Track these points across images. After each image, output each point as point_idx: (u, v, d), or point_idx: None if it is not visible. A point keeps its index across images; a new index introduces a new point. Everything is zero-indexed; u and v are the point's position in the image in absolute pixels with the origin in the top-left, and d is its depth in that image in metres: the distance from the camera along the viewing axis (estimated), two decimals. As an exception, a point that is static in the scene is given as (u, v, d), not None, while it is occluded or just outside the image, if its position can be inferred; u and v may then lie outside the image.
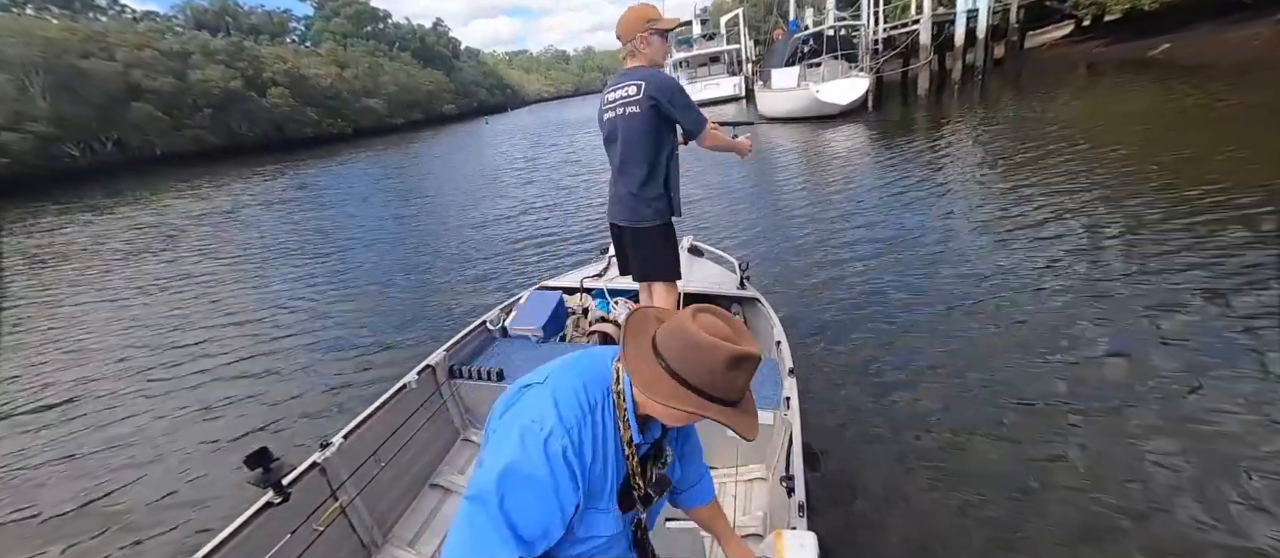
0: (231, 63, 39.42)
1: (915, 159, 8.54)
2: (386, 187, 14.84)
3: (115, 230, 11.81)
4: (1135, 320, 3.14)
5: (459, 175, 14.99)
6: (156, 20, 49.38)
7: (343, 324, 4.99)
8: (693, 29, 32.36)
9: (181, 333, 5.23)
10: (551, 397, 0.85)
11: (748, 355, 0.80)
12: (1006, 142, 8.58)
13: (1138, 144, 7.02)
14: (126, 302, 6.53)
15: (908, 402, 2.78)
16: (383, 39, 69.60)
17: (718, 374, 0.79)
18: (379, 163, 21.92)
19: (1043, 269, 3.99)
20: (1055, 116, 9.78)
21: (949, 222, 5.41)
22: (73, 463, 3.28)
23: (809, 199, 7.22)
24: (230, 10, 55.74)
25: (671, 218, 2.22)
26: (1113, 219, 4.69)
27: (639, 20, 1.98)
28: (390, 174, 17.73)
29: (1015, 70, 19.83)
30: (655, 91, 1.99)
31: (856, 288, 4.21)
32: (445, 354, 2.38)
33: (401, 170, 18.42)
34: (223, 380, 4.11)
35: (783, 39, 19.26)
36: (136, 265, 8.34)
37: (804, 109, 15.31)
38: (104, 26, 37.33)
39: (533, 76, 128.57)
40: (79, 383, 4.37)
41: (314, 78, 46.44)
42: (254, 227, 10.63)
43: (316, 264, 7.24)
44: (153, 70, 33.63)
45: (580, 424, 0.84)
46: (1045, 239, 4.52)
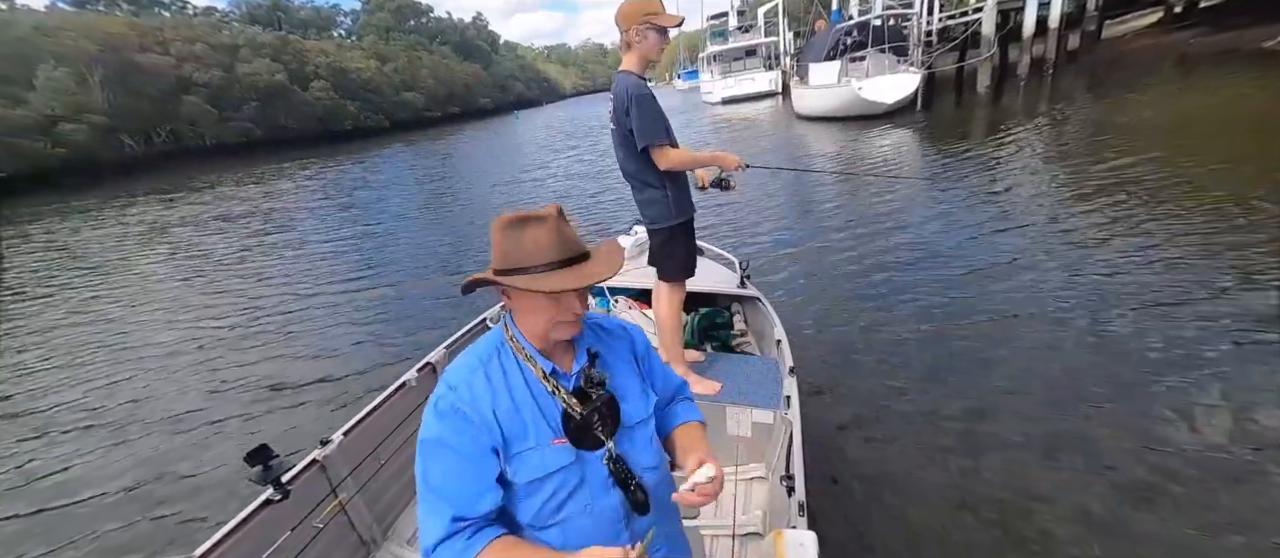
0: (277, 56, 40.70)
1: (963, 166, 7.42)
2: (410, 185, 14.66)
3: (172, 218, 12.29)
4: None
5: (478, 173, 14.88)
6: (213, 16, 51.82)
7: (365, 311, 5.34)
8: (729, 21, 30.89)
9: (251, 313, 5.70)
10: (445, 375, 0.89)
11: (525, 217, 0.83)
12: (1077, 148, 7.31)
13: (1250, 154, 5.65)
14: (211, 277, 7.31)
15: (909, 402, 2.79)
16: (424, 33, 70.93)
17: (516, 244, 0.82)
18: (410, 158, 21.94)
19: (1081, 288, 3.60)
20: (1140, 119, 8.30)
21: (981, 235, 4.92)
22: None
23: (831, 202, 6.82)
24: (281, 5, 57.95)
25: (676, 219, 2.16)
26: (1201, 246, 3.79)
27: (637, 11, 1.90)
28: (418, 173, 17.58)
29: (1090, 64, 17.61)
30: (619, 103, 2.02)
31: (863, 291, 4.14)
32: (445, 351, 2.38)
33: (428, 169, 18.25)
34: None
35: (824, 31, 17.77)
36: (219, 244, 9.14)
37: (844, 108, 13.92)
38: (161, 21, 39.16)
39: (569, 71, 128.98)
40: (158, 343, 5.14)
41: (355, 71, 47.51)
42: (288, 223, 10.64)
43: (332, 260, 7.51)
44: (203, 64, 35.03)
45: (469, 378, 0.87)
46: (1106, 259, 3.92)
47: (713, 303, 2.91)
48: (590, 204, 8.92)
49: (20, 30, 28.29)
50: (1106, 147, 6.92)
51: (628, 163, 2.12)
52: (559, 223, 0.83)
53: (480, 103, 66.98)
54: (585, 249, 0.86)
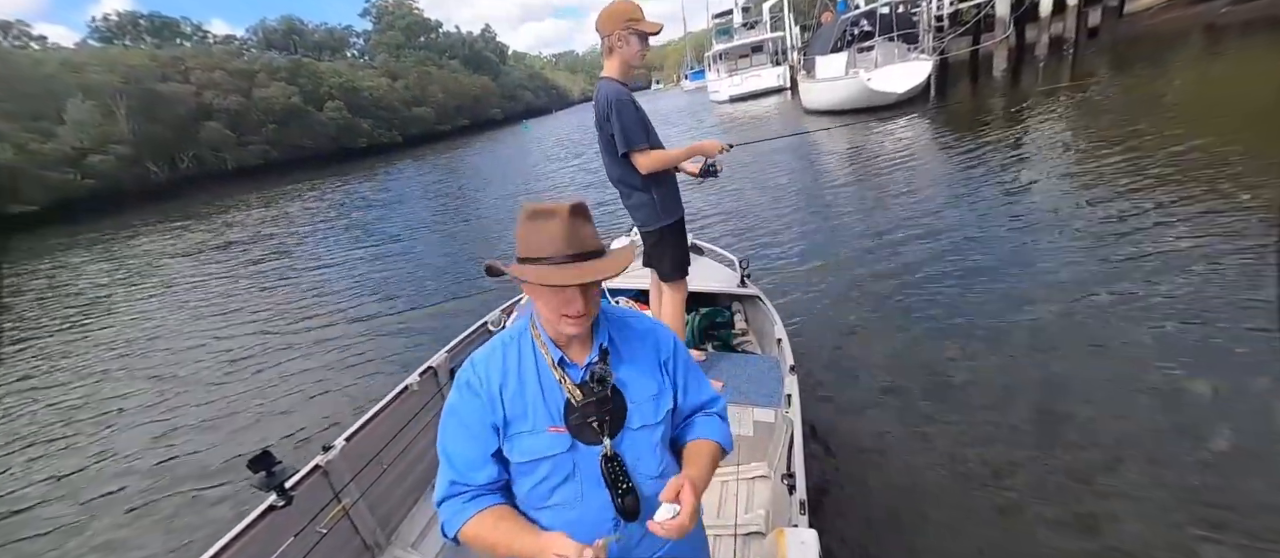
0: (292, 79, 41.68)
1: (974, 155, 7.09)
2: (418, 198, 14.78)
3: (201, 238, 12.95)
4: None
5: (482, 185, 15.06)
6: (232, 44, 53.31)
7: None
8: (734, 18, 30.54)
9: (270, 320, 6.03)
10: (473, 353, 0.94)
11: (542, 209, 0.83)
12: (1098, 128, 6.95)
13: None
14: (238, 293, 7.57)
15: (910, 399, 2.75)
16: (434, 48, 71.97)
17: (530, 235, 0.83)
18: (415, 174, 22.18)
19: (1094, 269, 3.51)
20: (1169, 95, 7.85)
21: (985, 227, 4.77)
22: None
23: (831, 201, 6.73)
24: (297, 29, 59.42)
25: (665, 221, 2.17)
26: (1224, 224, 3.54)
27: (619, 16, 1.92)
28: (427, 188, 17.76)
29: (1112, 41, 16.85)
30: (600, 110, 2.03)
31: (864, 288, 4.08)
32: (447, 356, 2.39)
33: (434, 183, 18.44)
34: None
35: (831, 22, 17.36)
36: (229, 270, 9.32)
37: (852, 100, 13.55)
38: (182, 52, 40.45)
39: (578, 77, 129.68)
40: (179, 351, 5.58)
41: (367, 90, 48.39)
42: (300, 240, 10.72)
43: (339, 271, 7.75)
44: (222, 90, 36.04)
45: (489, 357, 0.92)
46: (1141, 258, 3.57)
47: (713, 302, 2.93)
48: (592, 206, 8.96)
49: (50, 67, 29.49)
50: (1136, 127, 6.48)
51: (613, 168, 2.15)
52: (572, 218, 0.82)
53: (490, 113, 67.62)
54: (599, 246, 0.86)
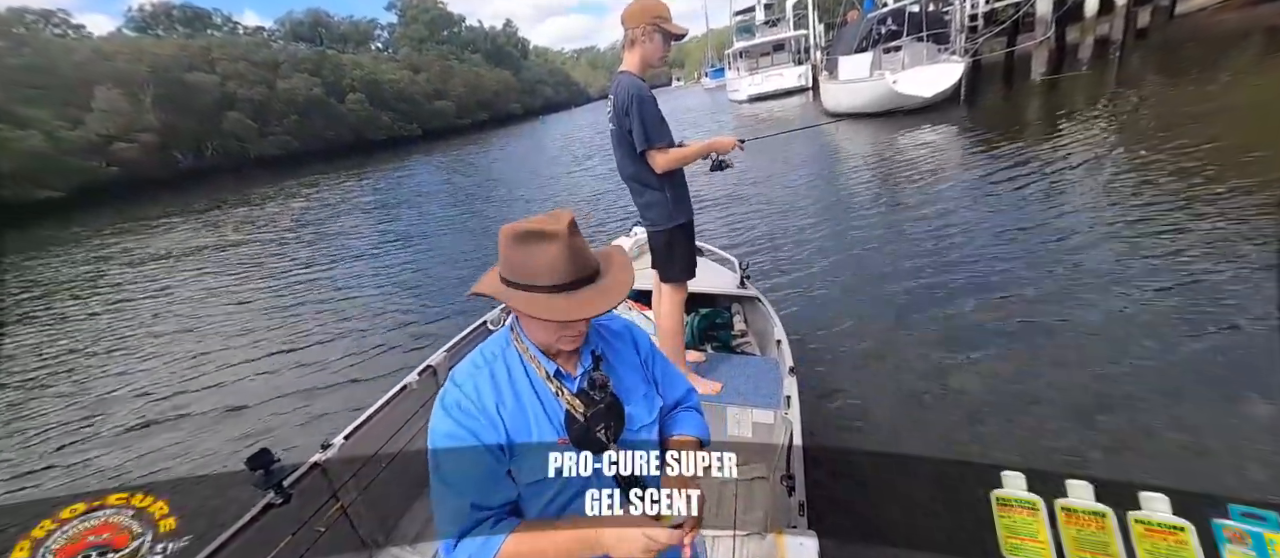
0: (316, 70, 42.15)
1: (997, 164, 6.82)
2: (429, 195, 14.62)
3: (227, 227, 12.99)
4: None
5: (495, 181, 15.09)
6: (260, 35, 54.26)
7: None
8: (756, 15, 29.72)
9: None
10: (452, 374, 0.91)
11: (531, 231, 0.80)
12: (1142, 141, 6.47)
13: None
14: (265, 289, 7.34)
15: (911, 402, 2.74)
16: (457, 42, 72.32)
17: (516, 258, 0.81)
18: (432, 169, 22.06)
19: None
20: (1230, 101, 7.32)
21: (991, 235, 4.69)
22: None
23: (832, 202, 6.76)
24: (323, 22, 60.24)
25: (676, 221, 2.17)
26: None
27: (648, 11, 1.93)
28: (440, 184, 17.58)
29: (1162, 43, 15.70)
30: (619, 103, 2.03)
31: (865, 290, 4.08)
32: (446, 355, 2.40)
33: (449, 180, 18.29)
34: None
35: (856, 20, 16.57)
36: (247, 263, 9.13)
37: (877, 103, 12.82)
38: (210, 42, 41.22)
39: (598, 73, 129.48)
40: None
41: (388, 82, 48.76)
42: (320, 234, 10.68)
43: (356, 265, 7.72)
44: (245, 81, 36.57)
45: (474, 376, 0.89)
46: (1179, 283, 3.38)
47: (713, 303, 2.93)
48: (591, 206, 8.84)
49: (82, 55, 30.22)
50: (1183, 141, 5.94)
51: (626, 164, 2.12)
52: (571, 239, 0.81)
53: (510, 108, 67.73)
54: (597, 264, 0.86)
